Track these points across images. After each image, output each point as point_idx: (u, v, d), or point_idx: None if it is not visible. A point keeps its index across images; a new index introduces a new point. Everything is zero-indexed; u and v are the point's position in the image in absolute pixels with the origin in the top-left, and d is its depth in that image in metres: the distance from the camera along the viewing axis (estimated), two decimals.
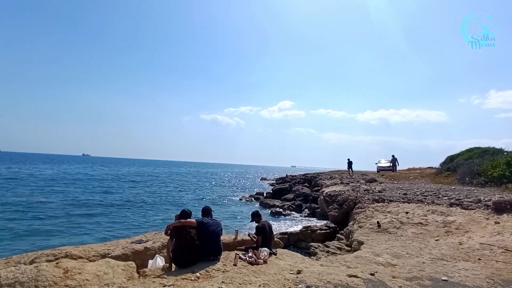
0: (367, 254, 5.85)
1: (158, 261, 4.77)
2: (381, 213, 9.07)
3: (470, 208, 8.59)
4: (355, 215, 9.62)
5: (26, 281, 3.28)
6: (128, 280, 3.78)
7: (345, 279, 4.12)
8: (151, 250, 5.35)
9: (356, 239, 7.57)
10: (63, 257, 4.40)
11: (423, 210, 8.87)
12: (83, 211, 16.77)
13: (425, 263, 5.25)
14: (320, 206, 16.04)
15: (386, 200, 10.15)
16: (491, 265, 5.17)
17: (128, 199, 22.68)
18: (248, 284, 3.63)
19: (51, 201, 18.82)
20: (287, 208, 20.43)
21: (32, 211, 15.71)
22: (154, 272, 4.21)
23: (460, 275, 4.64)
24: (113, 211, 17.52)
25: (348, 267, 4.93)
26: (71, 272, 3.54)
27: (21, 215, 14.66)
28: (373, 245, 6.67)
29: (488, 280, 4.43)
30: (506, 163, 13.34)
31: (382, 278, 4.34)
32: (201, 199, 25.63)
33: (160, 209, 19.29)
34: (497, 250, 5.78)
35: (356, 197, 10.99)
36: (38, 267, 3.51)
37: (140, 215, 17.05)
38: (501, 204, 8.14)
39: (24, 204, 17.22)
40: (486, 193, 10.63)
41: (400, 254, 5.89)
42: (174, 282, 3.57)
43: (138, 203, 20.96)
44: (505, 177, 12.67)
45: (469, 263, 5.28)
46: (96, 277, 3.60)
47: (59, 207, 17.20)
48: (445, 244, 6.57)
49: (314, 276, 4.12)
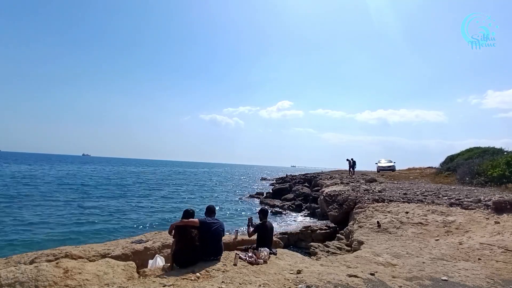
0: (367, 254, 5.85)
1: (158, 261, 4.77)
2: (381, 213, 9.07)
3: (470, 208, 8.59)
4: (355, 215, 9.62)
5: (26, 281, 3.28)
6: (128, 280, 3.78)
7: (345, 279, 4.12)
8: (151, 250, 5.36)
9: (356, 239, 7.57)
10: (63, 257, 4.40)
11: (423, 210, 8.87)
12: (83, 210, 16.78)
13: (425, 263, 5.25)
14: (320, 206, 16.04)
15: (386, 200, 10.16)
16: (491, 265, 5.17)
17: (128, 199, 22.69)
18: (248, 284, 3.63)
19: (52, 200, 18.85)
20: (287, 208, 20.43)
21: (33, 210, 15.73)
22: (154, 272, 4.21)
23: (460, 275, 4.64)
24: (113, 211, 17.53)
25: (348, 267, 4.93)
26: (71, 272, 3.54)
27: (22, 215, 14.67)
28: (373, 245, 6.67)
29: (488, 280, 4.43)
30: (506, 163, 13.35)
31: (382, 278, 4.34)
32: (201, 199, 25.63)
33: (160, 209, 19.29)
34: (497, 250, 5.78)
35: (356, 197, 10.99)
36: (38, 267, 3.51)
37: (140, 215, 17.05)
38: (501, 204, 8.14)
39: (24, 204, 17.25)
40: (486, 193, 10.64)
41: (400, 254, 5.89)
42: (174, 282, 3.57)
43: (138, 203, 20.97)
44: (505, 177, 12.68)
45: (469, 263, 5.28)
46: (96, 277, 3.60)
47: (60, 207, 17.22)
48: (445, 244, 6.57)
49: (314, 276, 4.12)
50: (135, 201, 21.97)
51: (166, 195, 26.62)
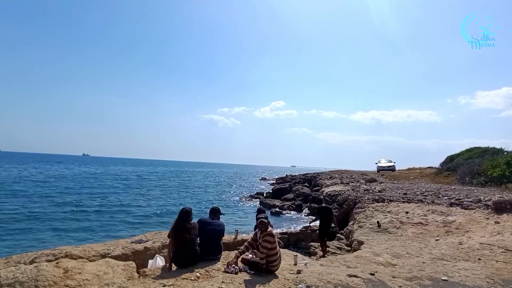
0: (367, 254, 5.85)
1: (158, 261, 4.76)
2: (381, 213, 9.07)
3: (470, 208, 8.59)
4: (355, 215, 9.62)
5: (26, 281, 3.27)
6: (128, 280, 3.78)
7: (345, 279, 4.12)
8: (151, 250, 5.35)
9: (356, 239, 7.57)
10: (63, 257, 4.39)
11: (423, 210, 8.87)
12: (83, 211, 16.77)
13: (425, 263, 5.25)
14: None
15: (386, 200, 10.15)
16: (491, 265, 5.17)
17: (128, 199, 22.68)
18: (249, 284, 3.63)
19: (53, 201, 18.85)
20: (287, 208, 20.44)
21: (33, 210, 15.72)
22: (154, 272, 4.21)
23: (460, 275, 4.64)
24: (113, 211, 17.52)
25: (348, 267, 4.92)
26: (71, 272, 3.53)
27: (23, 214, 14.66)
28: (373, 245, 6.67)
29: (488, 280, 4.43)
30: (506, 163, 13.35)
31: (382, 278, 4.34)
32: (201, 199, 25.63)
33: (160, 209, 19.28)
34: (497, 250, 5.78)
35: (356, 197, 11.00)
36: (38, 267, 3.50)
37: (140, 214, 17.05)
38: (501, 204, 8.15)
39: (26, 203, 17.24)
40: (486, 193, 10.64)
41: (400, 254, 5.88)
42: (174, 282, 3.57)
43: (138, 203, 20.96)
44: (505, 177, 12.68)
45: (469, 263, 5.28)
46: (96, 277, 3.59)
47: (60, 207, 17.21)
48: (445, 244, 6.57)
49: (314, 276, 4.11)
50: (135, 201, 21.97)
51: (166, 196, 26.61)
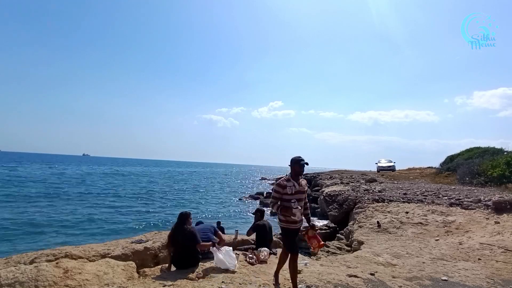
0: (367, 254, 5.85)
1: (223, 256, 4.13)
2: (381, 213, 9.06)
3: (470, 208, 8.59)
4: (355, 215, 9.62)
5: (26, 281, 3.27)
6: (128, 280, 3.78)
7: (345, 279, 4.12)
8: (151, 250, 5.34)
9: (356, 239, 7.56)
10: (63, 257, 4.38)
11: (423, 210, 8.87)
12: (83, 211, 16.77)
13: (425, 263, 5.25)
14: (320, 206, 16.04)
15: (386, 200, 10.15)
16: (491, 265, 5.17)
17: (128, 199, 22.67)
18: (248, 284, 3.63)
19: (55, 201, 18.84)
20: None
21: (34, 210, 15.72)
22: (154, 272, 4.21)
23: (460, 275, 4.64)
24: (113, 211, 17.52)
25: (348, 267, 4.93)
26: (71, 272, 3.53)
27: (23, 214, 14.66)
28: (373, 245, 6.66)
29: (488, 280, 4.43)
30: (506, 163, 13.35)
31: (382, 278, 4.34)
32: (201, 199, 25.62)
33: (160, 209, 19.28)
34: (497, 250, 5.78)
35: (356, 197, 10.99)
36: (38, 267, 3.50)
37: (139, 215, 17.04)
38: (501, 204, 8.15)
39: (27, 203, 17.24)
40: (486, 193, 10.63)
41: (400, 254, 5.88)
42: (174, 282, 3.57)
43: (137, 203, 20.96)
44: (505, 177, 12.68)
45: (469, 263, 5.28)
46: (96, 277, 3.59)
47: (60, 207, 17.21)
48: (445, 244, 6.57)
49: (314, 276, 4.12)
50: (134, 201, 21.97)
51: (166, 196, 26.60)
